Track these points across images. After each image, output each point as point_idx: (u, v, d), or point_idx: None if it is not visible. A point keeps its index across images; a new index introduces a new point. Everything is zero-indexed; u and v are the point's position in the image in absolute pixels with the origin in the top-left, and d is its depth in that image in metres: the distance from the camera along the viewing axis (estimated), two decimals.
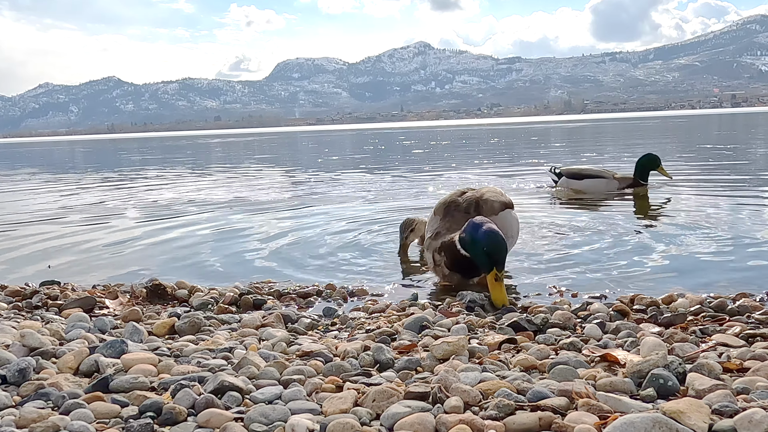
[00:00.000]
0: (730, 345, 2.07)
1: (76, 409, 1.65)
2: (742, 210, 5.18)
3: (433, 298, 3.12)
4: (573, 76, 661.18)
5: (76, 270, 4.07)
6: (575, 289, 3.14)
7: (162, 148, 37.27)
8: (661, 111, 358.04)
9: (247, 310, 2.94)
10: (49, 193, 9.85)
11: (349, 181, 9.64)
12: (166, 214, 6.46)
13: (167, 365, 1.99)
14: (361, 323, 2.61)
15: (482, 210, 3.33)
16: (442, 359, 2.02)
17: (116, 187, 10.54)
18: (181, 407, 1.63)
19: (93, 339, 2.29)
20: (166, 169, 15.08)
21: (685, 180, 7.69)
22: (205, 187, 9.70)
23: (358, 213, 5.91)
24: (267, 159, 18.40)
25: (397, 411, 1.59)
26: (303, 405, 1.68)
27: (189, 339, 2.39)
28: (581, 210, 5.62)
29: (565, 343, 2.14)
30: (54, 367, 2.00)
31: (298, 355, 2.13)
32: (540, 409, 1.59)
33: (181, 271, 3.92)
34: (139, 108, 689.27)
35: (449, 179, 9.28)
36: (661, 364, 1.77)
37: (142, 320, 2.71)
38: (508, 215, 3.44)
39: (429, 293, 3.25)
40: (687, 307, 2.58)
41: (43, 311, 2.89)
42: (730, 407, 1.53)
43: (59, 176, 14.32)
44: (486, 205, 3.36)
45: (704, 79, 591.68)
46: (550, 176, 7.34)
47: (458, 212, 3.37)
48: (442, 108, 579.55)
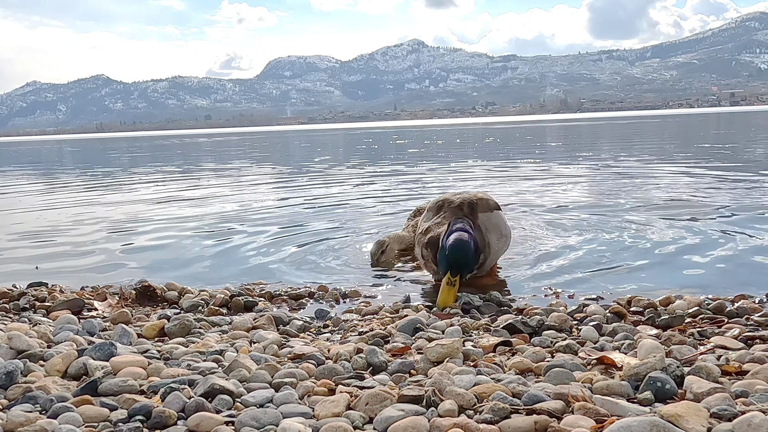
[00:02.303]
0: (728, 347, 2.06)
1: (65, 412, 1.64)
2: (741, 211, 5.17)
3: (427, 299, 3.10)
4: (569, 75, 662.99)
5: (64, 271, 4.04)
6: (571, 291, 3.12)
7: (151, 147, 37.24)
8: (658, 110, 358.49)
9: (238, 312, 2.92)
10: (37, 193, 9.81)
11: (343, 181, 9.61)
12: (155, 215, 6.43)
13: (157, 368, 1.98)
14: (354, 325, 2.60)
15: (477, 208, 3.32)
16: (436, 362, 2.01)
17: (105, 186, 10.50)
18: (170, 411, 1.62)
19: (81, 341, 2.28)
20: (155, 169, 15.06)
21: (684, 180, 7.70)
22: (195, 187, 9.67)
23: (352, 214, 5.89)
24: (258, 159, 18.36)
25: (391, 414, 1.58)
26: (295, 408, 1.68)
27: (179, 341, 2.37)
28: (579, 210, 5.60)
29: (561, 346, 2.13)
30: (42, 369, 1.99)
31: (289, 358, 2.12)
32: (535, 412, 1.58)
33: (171, 272, 3.89)
34: (128, 107, 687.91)
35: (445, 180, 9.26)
36: (659, 366, 1.76)
37: (131, 322, 2.69)
38: (499, 215, 3.44)
39: (423, 295, 3.23)
40: (685, 309, 2.57)
41: (30, 313, 2.87)
42: (728, 411, 1.52)
43: (47, 176, 14.29)
44: (481, 202, 3.35)
45: (702, 77, 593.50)
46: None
47: (450, 209, 3.36)
48: (436, 107, 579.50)
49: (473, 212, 3.30)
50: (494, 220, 3.33)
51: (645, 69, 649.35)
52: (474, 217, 3.28)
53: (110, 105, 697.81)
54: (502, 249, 3.44)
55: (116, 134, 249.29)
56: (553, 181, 8.39)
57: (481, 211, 3.32)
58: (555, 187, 7.55)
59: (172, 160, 19.98)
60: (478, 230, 3.21)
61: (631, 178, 8.16)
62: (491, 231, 3.29)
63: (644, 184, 7.40)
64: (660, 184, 7.40)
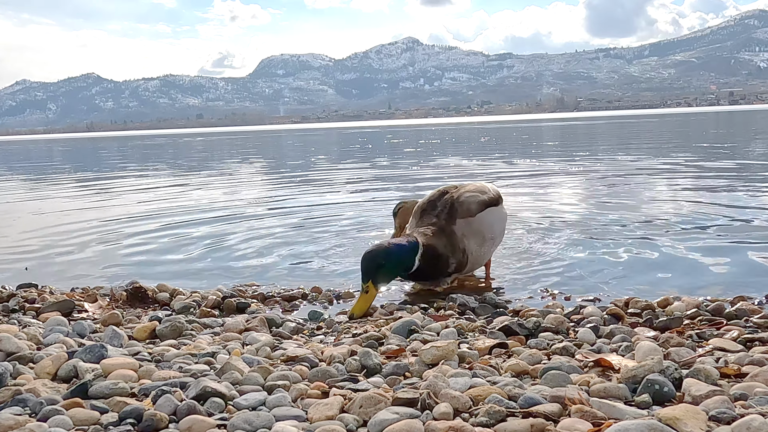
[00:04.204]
0: (727, 350, 2.05)
1: (54, 415, 1.63)
2: (740, 211, 5.18)
3: (421, 301, 3.08)
4: (566, 73, 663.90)
5: (54, 272, 4.02)
6: (568, 292, 3.12)
7: (143, 146, 37.20)
8: (656, 108, 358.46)
9: (230, 314, 2.91)
10: (26, 193, 9.77)
11: (337, 182, 9.60)
12: (147, 216, 6.41)
13: (148, 371, 1.96)
14: (348, 327, 2.59)
15: (456, 213, 3.26)
16: (431, 364, 1.99)
17: (95, 187, 10.48)
18: (162, 414, 1.61)
19: (71, 343, 2.26)
20: (146, 169, 15.05)
21: (682, 181, 7.70)
22: (187, 188, 9.65)
23: (347, 216, 5.87)
24: (251, 159, 18.33)
25: (385, 418, 1.58)
26: (288, 411, 1.67)
27: (170, 343, 2.36)
28: (576, 211, 5.60)
29: (557, 348, 2.12)
30: (31, 372, 1.98)
31: (282, 360, 2.11)
32: (532, 415, 1.57)
33: (163, 273, 3.87)
34: (119, 105, 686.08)
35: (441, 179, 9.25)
36: (657, 369, 1.75)
37: (122, 324, 2.68)
38: (488, 215, 3.35)
39: (418, 296, 3.22)
40: (683, 311, 2.56)
41: (20, 315, 2.84)
42: (727, 414, 1.51)
43: (36, 176, 14.25)
44: (461, 207, 3.28)
45: (701, 75, 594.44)
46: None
47: (428, 216, 3.32)
48: (431, 105, 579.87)
49: (451, 218, 3.24)
50: (475, 226, 3.24)
51: (643, 67, 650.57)
52: (450, 223, 3.22)
53: (101, 104, 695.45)
54: (487, 252, 3.40)
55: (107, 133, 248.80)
56: (549, 181, 8.40)
57: (460, 216, 3.25)
58: (551, 188, 7.56)
59: (163, 159, 19.97)
60: (451, 236, 3.18)
61: (629, 180, 8.17)
62: (470, 237, 3.23)
63: (642, 186, 7.41)
64: (658, 185, 7.41)
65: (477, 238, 3.26)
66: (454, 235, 3.19)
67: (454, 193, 3.37)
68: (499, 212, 3.46)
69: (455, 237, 3.19)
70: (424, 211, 3.36)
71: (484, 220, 3.31)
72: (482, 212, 3.31)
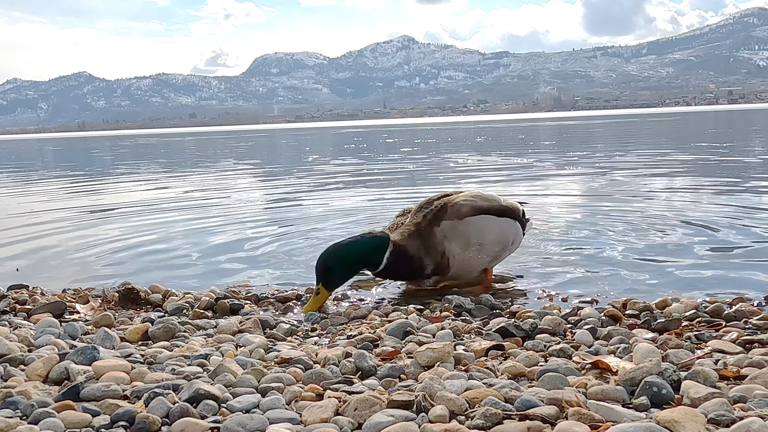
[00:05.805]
0: (726, 351, 2.04)
1: (46, 418, 1.62)
2: (739, 212, 5.18)
3: (417, 302, 3.06)
4: (563, 72, 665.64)
5: (45, 273, 3.99)
6: (565, 294, 3.11)
7: (135, 146, 37.16)
8: (654, 108, 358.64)
9: (223, 315, 2.89)
10: (18, 193, 9.73)
11: (333, 182, 9.59)
12: (139, 216, 6.39)
13: (140, 373, 1.95)
14: (343, 329, 2.57)
15: (444, 214, 3.22)
16: (427, 366, 1.99)
17: (87, 187, 10.45)
18: (154, 416, 1.60)
19: (63, 345, 2.25)
20: (139, 169, 15.03)
21: (680, 180, 7.71)
22: (180, 187, 9.63)
23: (342, 216, 5.86)
24: (245, 159, 18.32)
25: (380, 420, 1.57)
26: (282, 414, 1.66)
27: (163, 345, 2.34)
28: (574, 211, 5.60)
29: (554, 350, 2.11)
30: (22, 374, 1.96)
31: (276, 362, 2.10)
32: (528, 418, 1.56)
33: (155, 274, 3.85)
34: (111, 104, 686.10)
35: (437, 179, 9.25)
36: (655, 371, 1.75)
37: (114, 326, 2.66)
38: (480, 221, 3.27)
39: (413, 297, 3.20)
40: (682, 312, 2.55)
41: (11, 316, 2.82)
42: (726, 416, 1.50)
43: (28, 176, 14.21)
44: (452, 209, 3.24)
45: (700, 74, 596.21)
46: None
47: (417, 215, 3.28)
48: (427, 105, 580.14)
49: (437, 219, 3.21)
50: (460, 229, 3.20)
51: (641, 66, 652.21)
52: (433, 224, 3.19)
53: (92, 103, 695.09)
54: (477, 260, 3.30)
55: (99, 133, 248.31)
56: (546, 182, 8.41)
57: (447, 218, 3.21)
58: (548, 189, 7.57)
59: (156, 159, 19.94)
60: (428, 237, 3.15)
61: (627, 180, 8.18)
62: (453, 240, 3.19)
63: (640, 186, 7.41)
64: (656, 185, 7.42)
65: (459, 242, 3.20)
66: (432, 236, 3.16)
67: (454, 196, 3.35)
68: (498, 222, 3.35)
69: (433, 239, 3.16)
70: (419, 209, 3.35)
71: (471, 225, 3.24)
72: (472, 217, 3.26)
